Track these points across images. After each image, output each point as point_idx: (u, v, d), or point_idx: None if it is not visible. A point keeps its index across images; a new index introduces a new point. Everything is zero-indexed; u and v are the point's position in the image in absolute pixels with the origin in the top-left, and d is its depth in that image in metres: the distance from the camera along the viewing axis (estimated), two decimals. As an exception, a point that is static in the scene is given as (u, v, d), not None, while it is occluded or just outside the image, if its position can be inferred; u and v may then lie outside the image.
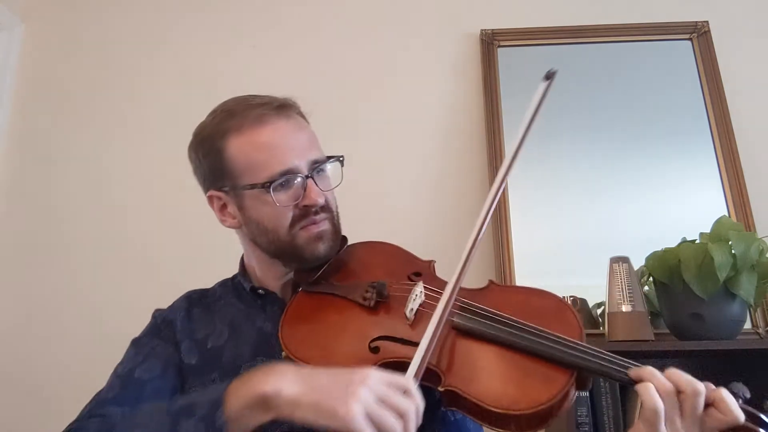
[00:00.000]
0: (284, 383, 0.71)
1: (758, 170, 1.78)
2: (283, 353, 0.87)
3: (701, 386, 0.73)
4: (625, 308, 1.43)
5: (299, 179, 0.93)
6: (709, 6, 1.97)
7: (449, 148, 1.90)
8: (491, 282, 0.95)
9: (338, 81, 1.96)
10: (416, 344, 0.79)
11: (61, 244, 1.89)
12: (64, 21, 2.12)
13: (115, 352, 0.98)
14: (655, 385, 0.74)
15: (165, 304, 1.05)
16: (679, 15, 1.95)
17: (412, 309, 0.87)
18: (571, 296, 1.58)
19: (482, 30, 1.98)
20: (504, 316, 0.84)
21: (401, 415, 0.68)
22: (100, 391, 0.92)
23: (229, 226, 1.00)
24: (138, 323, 1.02)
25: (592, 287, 1.61)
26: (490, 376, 0.80)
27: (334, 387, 0.70)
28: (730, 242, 1.38)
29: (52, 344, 1.78)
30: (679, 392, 0.73)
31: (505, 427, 0.77)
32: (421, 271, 0.98)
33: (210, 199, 0.99)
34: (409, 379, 0.73)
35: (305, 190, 0.93)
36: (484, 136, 1.87)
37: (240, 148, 0.94)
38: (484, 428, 0.80)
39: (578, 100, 1.90)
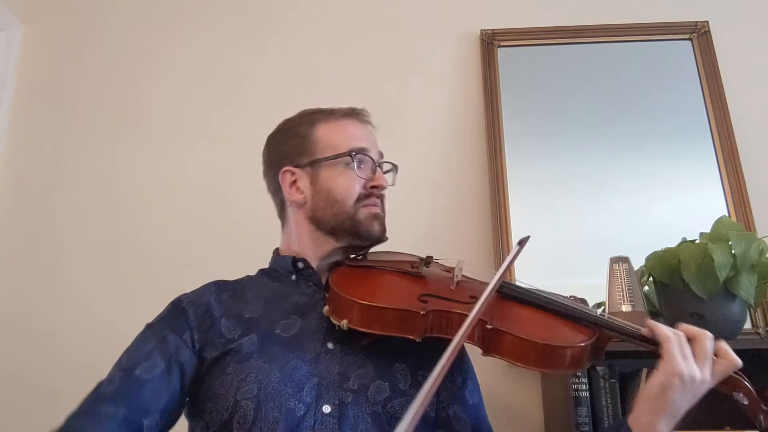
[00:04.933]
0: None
1: (758, 170, 1.78)
2: (325, 309, 0.98)
3: (707, 332, 0.87)
4: (625, 308, 1.43)
5: (373, 161, 1.10)
6: (709, 6, 1.97)
7: (449, 148, 1.90)
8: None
9: (338, 81, 1.96)
10: (459, 302, 0.96)
11: (63, 246, 1.88)
12: (65, 22, 2.12)
13: (114, 353, 0.98)
14: (671, 340, 0.86)
15: (165, 306, 1.05)
16: (679, 15, 1.95)
17: (456, 276, 1.06)
18: (571, 296, 1.57)
19: (482, 30, 1.98)
20: (538, 289, 1.03)
21: None
22: (102, 382, 0.95)
23: (293, 201, 1.11)
24: (137, 324, 1.02)
25: (592, 287, 1.60)
26: (528, 322, 0.96)
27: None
28: (730, 242, 1.38)
29: (51, 345, 1.78)
30: (690, 339, 0.87)
31: (536, 362, 0.91)
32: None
33: (283, 174, 1.11)
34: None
35: (374, 174, 1.10)
36: (484, 136, 1.87)
37: (328, 129, 1.12)
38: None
39: (578, 100, 1.90)
